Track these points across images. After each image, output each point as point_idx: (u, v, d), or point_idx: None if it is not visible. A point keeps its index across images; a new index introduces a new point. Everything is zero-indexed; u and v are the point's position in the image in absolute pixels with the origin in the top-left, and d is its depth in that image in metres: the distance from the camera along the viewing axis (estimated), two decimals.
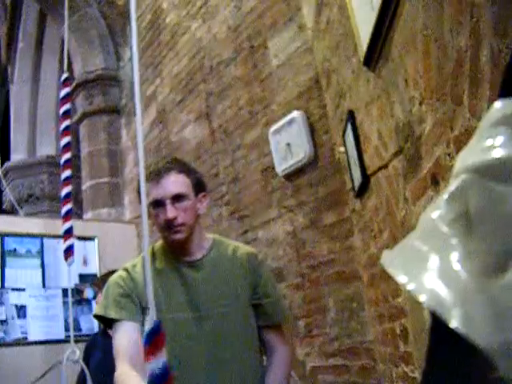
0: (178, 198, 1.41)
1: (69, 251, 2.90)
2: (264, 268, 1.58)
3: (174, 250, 1.49)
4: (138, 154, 0.85)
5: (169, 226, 1.41)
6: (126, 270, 1.48)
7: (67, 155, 3.05)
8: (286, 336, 1.59)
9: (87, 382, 2.43)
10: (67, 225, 2.92)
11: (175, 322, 1.40)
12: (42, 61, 6.47)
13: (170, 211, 1.39)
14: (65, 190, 3.01)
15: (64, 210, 2.97)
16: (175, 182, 1.42)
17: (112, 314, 1.40)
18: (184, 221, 1.41)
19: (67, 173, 3.02)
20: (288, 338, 1.64)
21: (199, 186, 1.50)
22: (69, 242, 2.90)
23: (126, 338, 1.36)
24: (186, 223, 1.42)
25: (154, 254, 1.52)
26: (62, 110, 3.06)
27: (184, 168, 1.48)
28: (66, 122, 3.07)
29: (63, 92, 3.07)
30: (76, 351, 2.55)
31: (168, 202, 1.40)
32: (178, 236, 1.42)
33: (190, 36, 3.69)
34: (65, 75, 3.11)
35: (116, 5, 4.81)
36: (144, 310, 1.39)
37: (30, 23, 6.38)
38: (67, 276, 2.87)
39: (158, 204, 1.41)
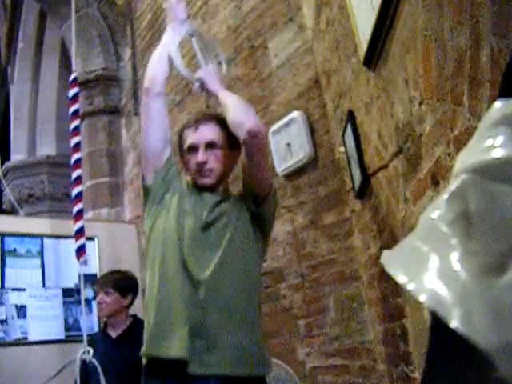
0: (211, 145, 1.54)
1: (81, 251, 2.90)
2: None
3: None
4: None
5: (199, 170, 1.52)
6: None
7: (77, 155, 3.04)
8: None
9: (100, 381, 2.41)
10: (79, 224, 2.91)
11: (182, 227, 1.47)
12: (41, 61, 6.46)
13: (202, 155, 1.52)
14: (76, 190, 3.00)
15: (75, 209, 2.96)
16: (210, 131, 1.55)
17: None
18: (213, 167, 1.53)
19: (78, 172, 3.01)
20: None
21: (233, 142, 1.59)
22: (80, 242, 2.89)
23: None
24: (214, 169, 1.53)
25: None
26: (71, 110, 3.05)
27: (222, 121, 1.58)
28: (76, 122, 3.06)
29: (72, 92, 3.06)
30: (90, 350, 2.54)
31: (201, 147, 1.52)
32: (207, 180, 1.53)
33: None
34: (73, 75, 3.10)
35: (116, 5, 4.81)
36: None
37: (30, 23, 6.37)
38: (80, 275, 2.87)
39: (192, 149, 1.54)
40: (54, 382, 2.68)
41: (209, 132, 1.55)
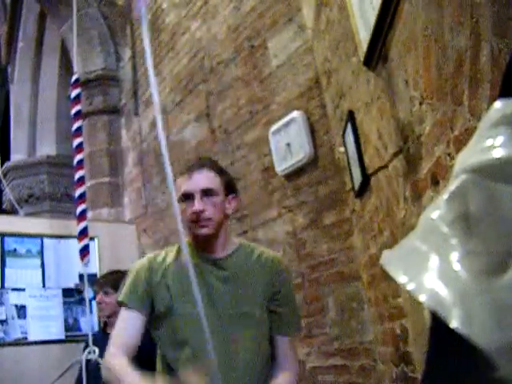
0: (207, 192, 1.46)
1: (84, 251, 2.90)
2: (287, 275, 1.57)
3: (199, 245, 1.50)
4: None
5: (196, 220, 1.45)
6: (148, 258, 1.53)
7: (80, 156, 3.05)
8: (294, 347, 1.57)
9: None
10: (82, 225, 2.92)
11: (191, 317, 1.41)
12: (41, 61, 6.47)
13: (199, 204, 1.44)
14: (79, 191, 3.01)
15: (79, 210, 2.97)
16: (206, 178, 1.48)
17: (121, 297, 1.47)
18: (211, 216, 1.45)
19: (81, 173, 3.02)
20: (296, 352, 1.61)
21: (230, 187, 1.53)
22: (84, 242, 2.89)
23: (129, 326, 1.42)
24: (212, 218, 1.45)
25: (179, 249, 1.54)
26: (73, 111, 3.05)
27: (216, 167, 1.53)
28: (78, 123, 3.07)
29: (74, 93, 3.07)
30: (96, 350, 2.54)
31: (197, 195, 1.45)
32: (205, 230, 1.45)
33: (190, 36, 3.69)
34: (75, 76, 3.10)
35: (116, 5, 4.81)
36: (154, 303, 1.45)
37: (30, 23, 6.37)
38: (84, 276, 2.87)
39: (187, 197, 1.46)
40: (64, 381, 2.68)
41: (205, 179, 1.47)
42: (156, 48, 4.19)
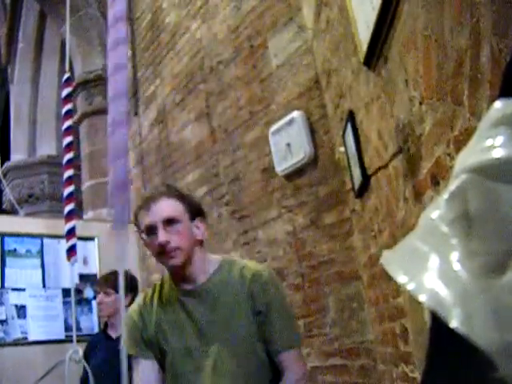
0: (169, 221, 1.40)
1: (72, 251, 2.90)
2: (269, 289, 1.46)
3: (176, 276, 1.46)
4: None
5: (163, 252, 1.39)
6: (139, 306, 1.51)
7: (69, 155, 3.05)
8: (299, 358, 1.48)
9: (89, 382, 2.42)
10: (70, 225, 2.92)
11: (183, 353, 1.42)
12: (42, 61, 6.47)
13: (162, 235, 1.37)
14: (67, 190, 3.01)
15: (66, 209, 2.97)
16: (166, 207, 1.41)
17: (129, 351, 1.50)
18: (177, 245, 1.39)
19: (69, 172, 3.02)
20: (302, 359, 1.52)
21: (194, 211, 1.47)
22: (71, 242, 2.89)
23: (150, 378, 1.45)
24: (180, 247, 1.39)
25: (162, 283, 1.53)
26: (63, 110, 3.06)
27: (175, 193, 1.47)
28: (68, 122, 3.07)
29: (65, 92, 3.07)
30: (79, 351, 2.55)
31: (160, 226, 1.38)
32: (174, 261, 1.39)
33: (190, 36, 3.69)
34: (66, 75, 3.11)
35: None
36: (160, 350, 1.46)
37: (30, 24, 6.38)
38: (70, 276, 2.87)
39: (150, 230, 1.40)
40: (49, 382, 2.69)
41: (165, 208, 1.41)
42: (156, 48, 4.19)
